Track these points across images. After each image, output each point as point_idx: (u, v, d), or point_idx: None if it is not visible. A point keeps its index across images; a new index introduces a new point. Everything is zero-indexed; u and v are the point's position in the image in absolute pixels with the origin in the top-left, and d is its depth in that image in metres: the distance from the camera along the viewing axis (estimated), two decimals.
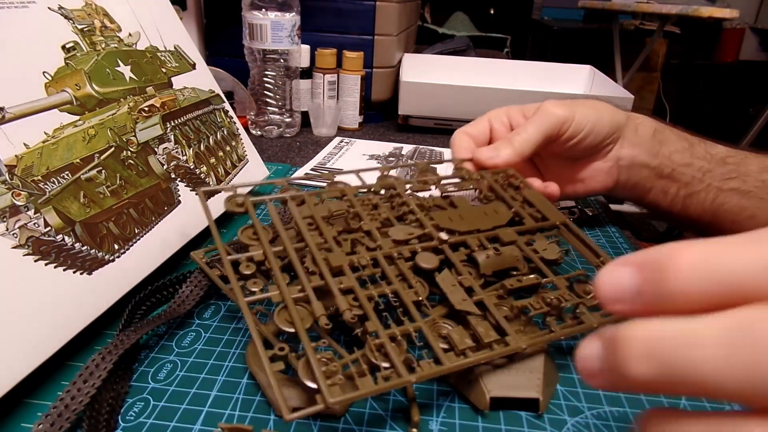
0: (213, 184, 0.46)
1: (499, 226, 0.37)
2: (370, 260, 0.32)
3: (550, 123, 0.44)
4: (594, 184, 0.50)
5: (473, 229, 0.36)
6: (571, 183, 0.50)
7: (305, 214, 0.34)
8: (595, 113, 0.46)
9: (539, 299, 0.31)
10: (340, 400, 0.23)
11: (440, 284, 0.31)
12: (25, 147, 0.31)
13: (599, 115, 0.46)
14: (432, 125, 0.83)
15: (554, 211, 0.39)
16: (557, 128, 0.45)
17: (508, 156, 0.44)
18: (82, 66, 0.37)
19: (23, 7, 0.35)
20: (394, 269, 0.31)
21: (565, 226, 0.38)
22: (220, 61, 0.84)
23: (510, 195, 0.40)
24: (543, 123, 0.45)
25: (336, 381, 0.24)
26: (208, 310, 0.36)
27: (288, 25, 0.70)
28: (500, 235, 0.36)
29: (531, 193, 0.41)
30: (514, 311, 0.31)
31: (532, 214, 0.39)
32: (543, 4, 2.87)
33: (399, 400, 0.29)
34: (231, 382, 0.30)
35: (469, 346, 0.28)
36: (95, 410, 0.27)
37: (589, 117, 0.46)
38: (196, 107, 0.48)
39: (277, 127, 0.77)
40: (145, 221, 0.38)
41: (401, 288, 0.30)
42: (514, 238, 0.36)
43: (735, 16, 1.94)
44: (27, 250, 0.29)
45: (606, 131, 0.46)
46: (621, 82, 2.12)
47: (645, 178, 0.48)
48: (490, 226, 0.36)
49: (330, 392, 0.23)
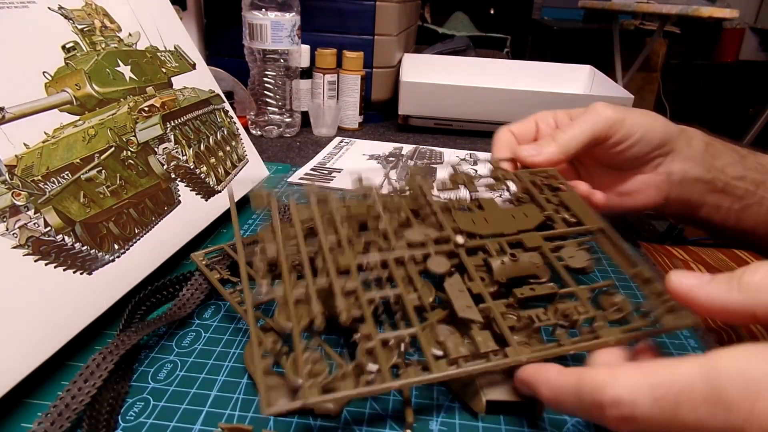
0: (213, 184, 0.46)
1: (526, 231, 0.35)
2: (380, 262, 0.31)
3: (598, 123, 0.42)
4: (643, 199, 0.46)
5: (496, 233, 0.34)
6: (617, 195, 0.47)
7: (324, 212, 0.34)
8: (647, 120, 0.43)
9: (552, 309, 0.30)
10: (316, 401, 0.24)
11: (447, 289, 0.30)
12: (25, 147, 0.31)
13: (651, 123, 0.44)
14: (432, 125, 0.83)
15: (593, 216, 0.36)
16: (606, 130, 0.42)
17: (551, 154, 0.41)
18: (82, 66, 0.37)
19: (23, 7, 0.35)
20: (403, 272, 0.31)
21: (602, 233, 0.35)
22: (220, 61, 0.84)
23: (545, 197, 0.38)
24: (591, 122, 0.42)
25: (318, 381, 0.24)
26: (208, 310, 0.36)
27: (288, 25, 0.70)
28: (524, 240, 0.34)
29: (570, 195, 0.38)
30: (522, 321, 0.29)
31: (566, 219, 0.36)
32: (543, 4, 2.87)
33: (399, 401, 0.29)
34: (231, 382, 0.30)
35: (462, 356, 0.27)
36: (95, 410, 0.27)
37: (641, 123, 0.43)
38: (196, 107, 0.48)
39: (277, 127, 0.77)
40: (145, 221, 0.38)
41: (405, 292, 0.29)
42: (539, 243, 0.34)
43: (735, 16, 1.94)
44: (27, 250, 0.29)
45: (657, 141, 0.44)
46: (621, 82, 2.12)
47: (698, 193, 0.46)
48: (515, 230, 0.35)
49: (308, 391, 0.24)
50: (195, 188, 0.43)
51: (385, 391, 0.25)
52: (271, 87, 0.74)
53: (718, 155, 0.45)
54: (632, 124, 0.43)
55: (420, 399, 0.30)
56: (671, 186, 0.46)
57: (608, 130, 0.42)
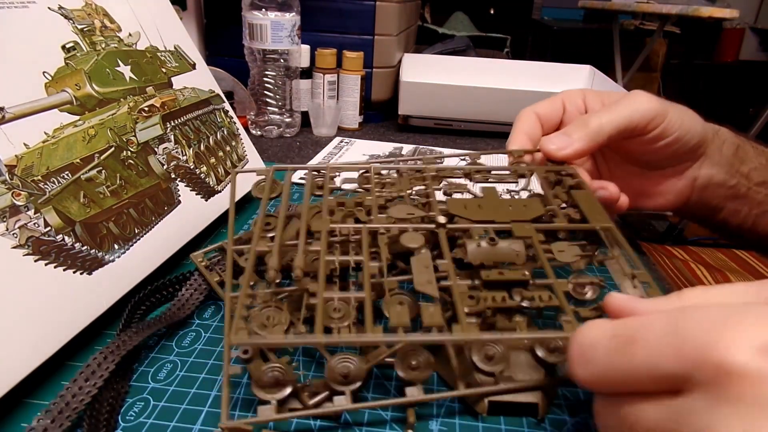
0: (213, 184, 0.46)
1: (521, 221, 0.33)
2: (353, 230, 0.32)
3: (639, 112, 0.38)
4: (662, 202, 0.44)
5: (486, 219, 0.33)
6: (642, 196, 0.44)
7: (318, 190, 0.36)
8: (688, 119, 0.40)
9: (518, 294, 0.29)
10: (241, 342, 0.25)
11: (412, 263, 0.30)
12: (25, 147, 0.31)
13: (692, 122, 0.40)
14: (432, 125, 0.83)
15: (602, 215, 0.33)
16: (646, 121, 0.38)
17: (581, 146, 0.37)
18: (82, 66, 0.37)
19: (23, 7, 0.35)
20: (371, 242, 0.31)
21: (606, 232, 0.32)
22: (220, 61, 0.84)
23: (554, 193, 0.35)
24: (630, 110, 0.38)
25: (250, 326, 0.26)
26: (208, 309, 0.36)
27: (288, 25, 0.70)
28: (514, 229, 0.32)
29: (583, 195, 0.35)
30: (481, 304, 0.28)
31: (570, 215, 0.34)
32: (543, 4, 2.88)
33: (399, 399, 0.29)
34: (231, 383, 0.30)
35: (403, 325, 0.27)
36: (96, 409, 0.27)
37: (683, 121, 0.39)
38: (196, 107, 0.48)
39: (277, 127, 0.77)
40: (145, 221, 0.38)
41: (367, 259, 0.30)
42: (529, 234, 0.31)
43: (735, 16, 1.94)
44: (27, 250, 0.29)
45: (695, 142, 0.40)
46: (621, 82, 2.12)
47: (719, 198, 0.44)
48: (508, 220, 0.33)
49: (236, 334, 0.25)
50: (195, 188, 0.43)
51: (311, 345, 0.26)
52: (271, 87, 0.74)
53: (746, 159, 0.43)
54: (674, 121, 0.39)
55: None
56: (693, 191, 0.43)
57: (649, 122, 0.38)
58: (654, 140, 0.39)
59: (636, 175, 0.44)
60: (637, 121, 0.38)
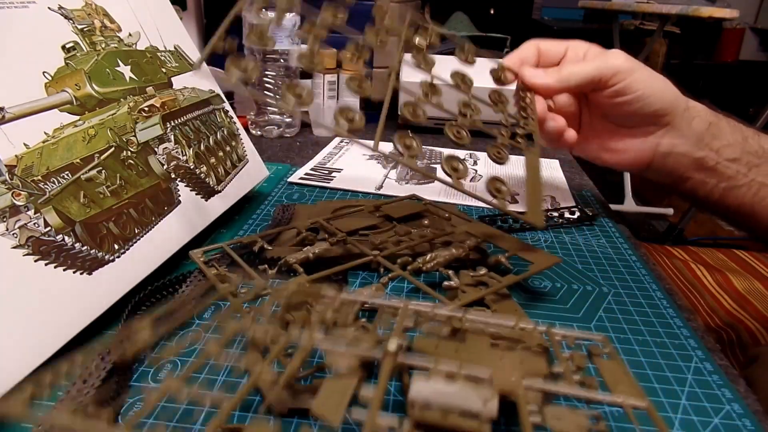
0: (213, 184, 0.46)
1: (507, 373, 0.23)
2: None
3: (603, 68, 0.43)
4: (626, 159, 0.48)
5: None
6: (604, 150, 0.49)
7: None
8: (655, 84, 0.44)
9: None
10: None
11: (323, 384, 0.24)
12: (25, 147, 0.31)
13: (658, 88, 0.44)
14: (432, 125, 0.83)
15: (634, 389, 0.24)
16: (608, 76, 0.43)
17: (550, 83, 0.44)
18: (82, 66, 0.37)
19: (23, 7, 0.35)
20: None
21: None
22: (221, 61, 0.84)
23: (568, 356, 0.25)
24: (597, 64, 0.44)
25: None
26: (208, 309, 0.36)
27: (288, 25, 0.70)
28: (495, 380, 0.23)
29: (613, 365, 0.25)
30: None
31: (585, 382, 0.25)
32: (543, 4, 2.88)
33: (399, 401, 0.29)
34: (231, 382, 0.30)
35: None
36: (96, 408, 0.27)
37: (648, 84, 0.44)
38: (196, 107, 0.48)
39: (277, 127, 0.77)
40: (145, 221, 0.38)
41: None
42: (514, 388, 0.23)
43: (735, 16, 1.94)
44: (27, 250, 0.29)
45: (658, 106, 0.44)
46: None
47: (683, 167, 0.47)
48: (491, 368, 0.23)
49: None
50: (195, 188, 0.43)
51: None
52: (271, 87, 0.74)
53: (720, 135, 0.46)
54: (637, 81, 0.43)
55: None
56: (655, 156, 0.47)
57: (611, 77, 0.43)
58: (614, 95, 0.44)
59: (607, 130, 0.49)
60: (601, 76, 0.43)
